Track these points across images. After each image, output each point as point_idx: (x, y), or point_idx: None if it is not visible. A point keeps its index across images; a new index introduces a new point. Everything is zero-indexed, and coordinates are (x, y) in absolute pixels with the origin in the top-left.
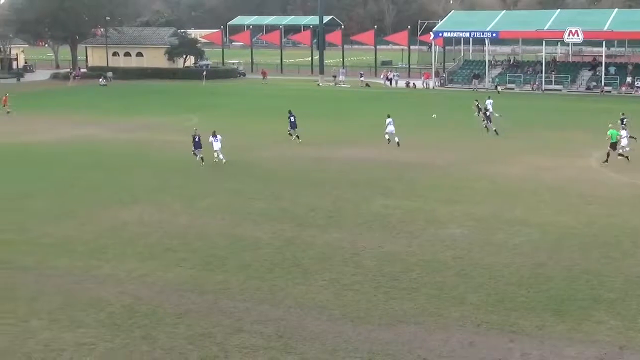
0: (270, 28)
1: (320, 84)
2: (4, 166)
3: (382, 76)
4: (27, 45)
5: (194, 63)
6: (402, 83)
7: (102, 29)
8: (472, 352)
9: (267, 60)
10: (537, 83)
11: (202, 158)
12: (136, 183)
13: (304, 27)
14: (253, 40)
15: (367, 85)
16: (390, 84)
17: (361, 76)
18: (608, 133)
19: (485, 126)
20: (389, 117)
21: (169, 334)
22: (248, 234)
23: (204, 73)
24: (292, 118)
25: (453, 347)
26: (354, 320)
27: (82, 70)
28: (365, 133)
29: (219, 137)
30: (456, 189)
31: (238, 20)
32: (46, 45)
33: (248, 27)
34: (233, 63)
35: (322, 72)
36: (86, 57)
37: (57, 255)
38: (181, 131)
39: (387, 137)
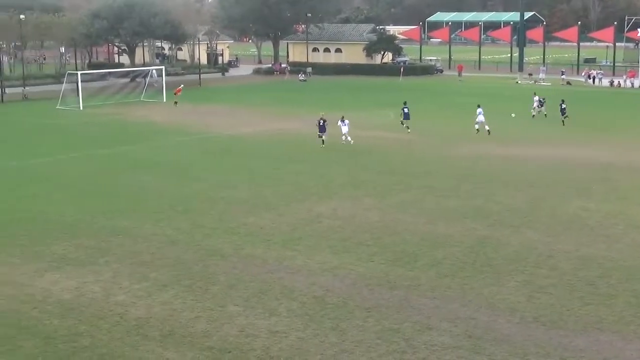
0: (469, 24)
1: (519, 82)
2: (210, 157)
3: (583, 74)
4: (232, 41)
5: (392, 59)
6: (605, 82)
7: (303, 26)
8: None
9: (464, 57)
10: None
11: (323, 140)
12: (331, 176)
13: (503, 23)
14: (451, 36)
15: (568, 83)
16: (593, 82)
17: (562, 74)
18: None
19: None
20: (479, 107)
21: (359, 327)
22: (439, 231)
23: (401, 69)
24: (405, 109)
25: None
26: (546, 324)
27: (283, 65)
28: (559, 132)
29: (346, 121)
30: None
31: (437, 16)
32: (250, 41)
33: (447, 23)
34: (430, 60)
35: (521, 69)
36: (287, 52)
37: (254, 245)
38: (377, 127)
39: (476, 127)
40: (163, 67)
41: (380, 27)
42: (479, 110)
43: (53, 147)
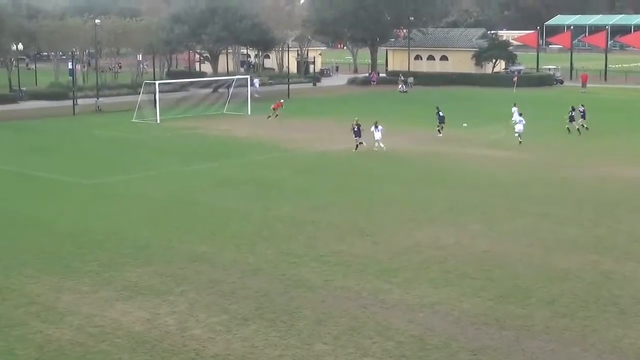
0: (594, 29)
1: None
2: (298, 176)
3: None
4: (324, 48)
5: (504, 68)
6: None
7: (404, 30)
8: None
9: (588, 66)
10: None
11: (357, 145)
12: (433, 199)
13: (634, 27)
14: (573, 42)
15: None
16: None
17: None
18: None
19: None
20: (515, 105)
21: None
22: (556, 264)
23: (515, 79)
24: (440, 113)
25: None
26: None
27: (379, 74)
28: None
29: (380, 127)
30: None
31: (557, 19)
32: (344, 47)
33: (568, 27)
34: (549, 69)
35: None
36: (386, 60)
37: (345, 276)
38: (486, 144)
39: (516, 135)
40: (248, 76)
41: (492, 32)
42: (515, 110)
43: (127, 163)
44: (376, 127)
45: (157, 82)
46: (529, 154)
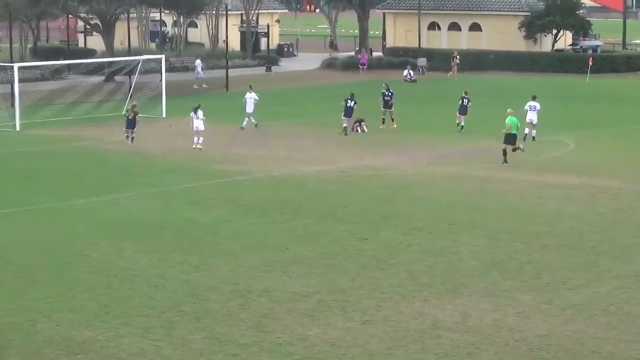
0: None
1: None
2: (242, 215)
3: None
4: (285, 11)
5: (571, 44)
6: None
7: None
8: None
9: None
10: None
11: (132, 139)
12: (460, 254)
13: None
14: None
15: None
16: None
17: None
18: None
19: None
20: (534, 99)
21: None
22: None
23: (590, 62)
24: (465, 100)
25: None
26: None
27: (372, 53)
28: None
29: (200, 113)
30: None
31: None
32: (316, 10)
33: None
34: None
35: None
36: (384, 30)
37: None
38: (544, 166)
39: (527, 131)
40: (163, 56)
41: None
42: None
43: None
44: (195, 112)
45: (15, 66)
46: (611, 180)
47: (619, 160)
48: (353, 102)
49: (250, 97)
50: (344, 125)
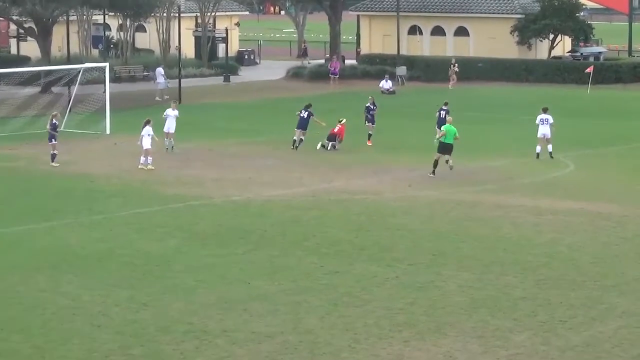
0: None
1: None
2: (197, 246)
3: None
4: (245, 13)
5: (570, 51)
6: None
7: None
8: None
9: None
10: None
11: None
12: (445, 289)
13: None
14: None
15: None
16: None
17: None
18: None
19: None
20: (545, 112)
21: None
22: None
23: (591, 71)
24: (442, 112)
25: None
26: None
27: (345, 61)
28: None
29: (149, 128)
30: None
31: None
32: (282, 12)
33: None
34: None
35: None
36: (358, 35)
37: None
38: (540, 188)
39: (538, 149)
40: (107, 64)
41: None
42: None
43: None
44: (146, 127)
45: None
46: (615, 205)
47: (624, 183)
48: (306, 113)
49: (172, 116)
50: (294, 137)
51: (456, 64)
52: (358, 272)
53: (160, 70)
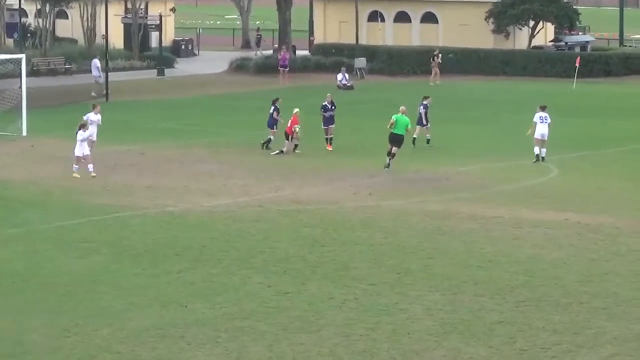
0: None
1: None
2: (127, 265)
3: None
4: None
5: (553, 40)
6: None
7: None
8: None
9: None
10: None
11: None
12: (413, 314)
13: None
14: None
15: None
16: None
17: None
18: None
19: None
20: (543, 109)
21: None
22: None
23: (577, 63)
24: (422, 107)
25: None
26: None
27: (295, 52)
28: None
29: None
30: None
31: None
32: None
33: None
34: None
35: None
36: (311, 22)
37: None
38: (521, 197)
39: (536, 151)
40: (23, 55)
41: None
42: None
43: None
44: (82, 129)
45: None
46: (604, 216)
47: (615, 191)
48: (272, 109)
49: (94, 121)
50: (270, 137)
51: (439, 55)
52: (311, 293)
53: (96, 62)
